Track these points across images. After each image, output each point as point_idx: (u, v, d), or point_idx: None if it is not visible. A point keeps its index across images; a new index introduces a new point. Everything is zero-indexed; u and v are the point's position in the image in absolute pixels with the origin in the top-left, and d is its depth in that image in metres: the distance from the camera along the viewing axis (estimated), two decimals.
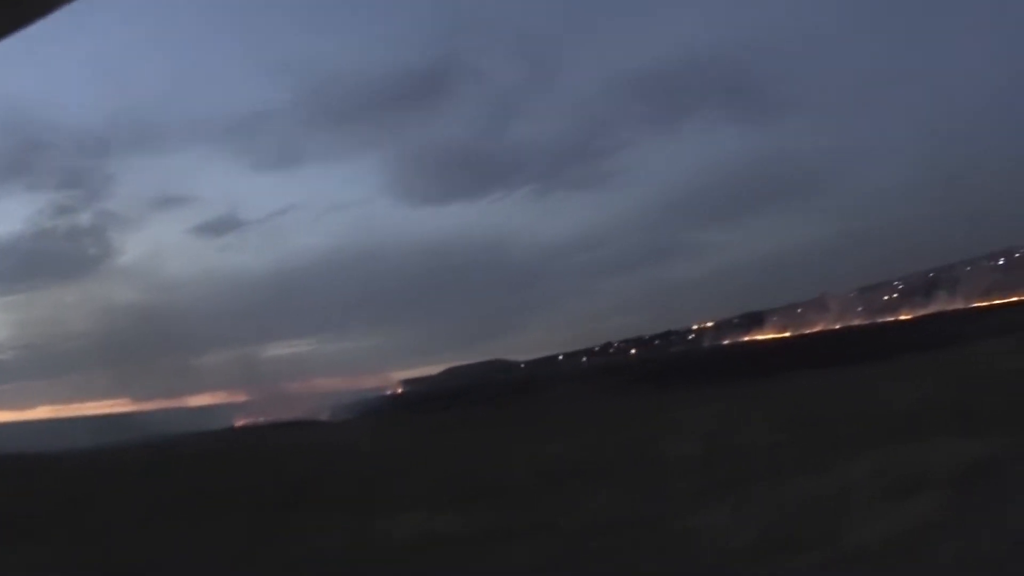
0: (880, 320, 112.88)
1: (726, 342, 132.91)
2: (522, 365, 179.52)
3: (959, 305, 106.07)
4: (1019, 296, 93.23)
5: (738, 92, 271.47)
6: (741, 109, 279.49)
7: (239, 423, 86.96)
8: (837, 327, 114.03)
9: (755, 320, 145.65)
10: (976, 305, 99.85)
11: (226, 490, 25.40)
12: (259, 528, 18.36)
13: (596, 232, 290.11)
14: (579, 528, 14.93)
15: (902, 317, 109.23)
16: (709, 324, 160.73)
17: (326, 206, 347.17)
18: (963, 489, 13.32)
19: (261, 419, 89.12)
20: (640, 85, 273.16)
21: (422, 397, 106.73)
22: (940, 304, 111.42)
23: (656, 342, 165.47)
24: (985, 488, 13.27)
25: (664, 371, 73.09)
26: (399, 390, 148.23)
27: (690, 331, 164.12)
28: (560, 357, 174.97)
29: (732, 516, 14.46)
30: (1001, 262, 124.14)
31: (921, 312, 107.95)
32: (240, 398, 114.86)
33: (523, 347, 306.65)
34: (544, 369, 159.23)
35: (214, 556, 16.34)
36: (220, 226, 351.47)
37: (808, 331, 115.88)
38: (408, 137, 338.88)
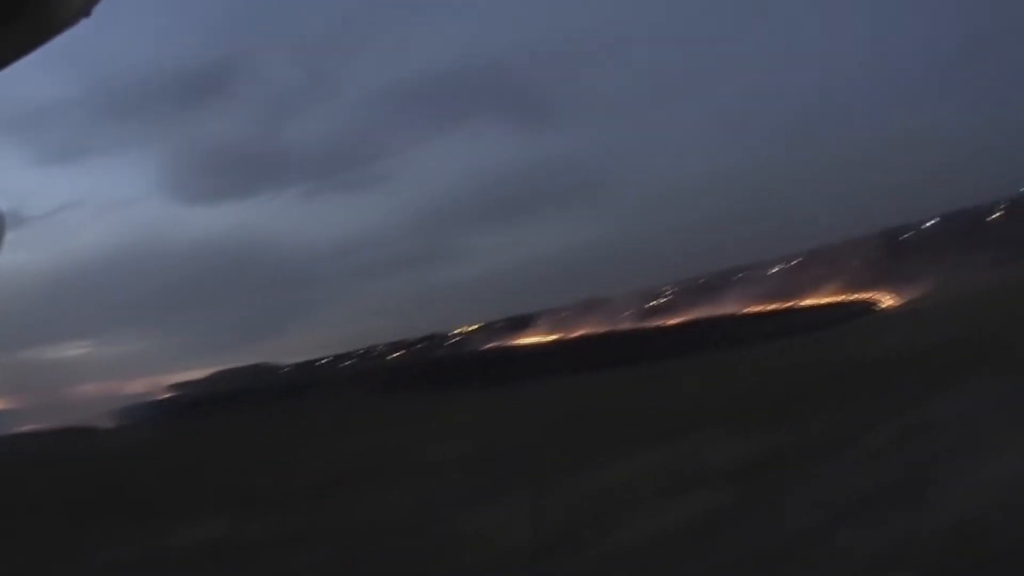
0: (649, 324, 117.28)
1: (490, 346, 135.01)
2: (286, 369, 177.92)
3: (732, 310, 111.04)
4: (792, 302, 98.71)
5: (516, 98, 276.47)
6: (518, 114, 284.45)
7: (17, 430, 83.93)
8: (604, 331, 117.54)
9: (520, 324, 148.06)
10: (749, 311, 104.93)
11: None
12: (51, 540, 18.18)
13: (364, 235, 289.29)
14: (357, 534, 15.57)
15: (672, 322, 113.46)
16: (473, 328, 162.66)
17: (106, 202, 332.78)
18: (740, 485, 14.39)
19: (37, 426, 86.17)
20: (416, 90, 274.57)
21: (193, 402, 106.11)
22: (712, 309, 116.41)
23: (420, 346, 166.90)
24: (762, 484, 14.30)
25: (429, 374, 74.64)
26: (170, 395, 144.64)
27: (453, 335, 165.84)
28: (324, 360, 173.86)
29: (508, 516, 15.10)
30: (776, 270, 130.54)
31: (692, 316, 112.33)
32: (14, 404, 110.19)
33: (288, 350, 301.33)
34: (309, 373, 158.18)
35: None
36: None
37: (574, 335, 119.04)
38: (188, 134, 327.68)
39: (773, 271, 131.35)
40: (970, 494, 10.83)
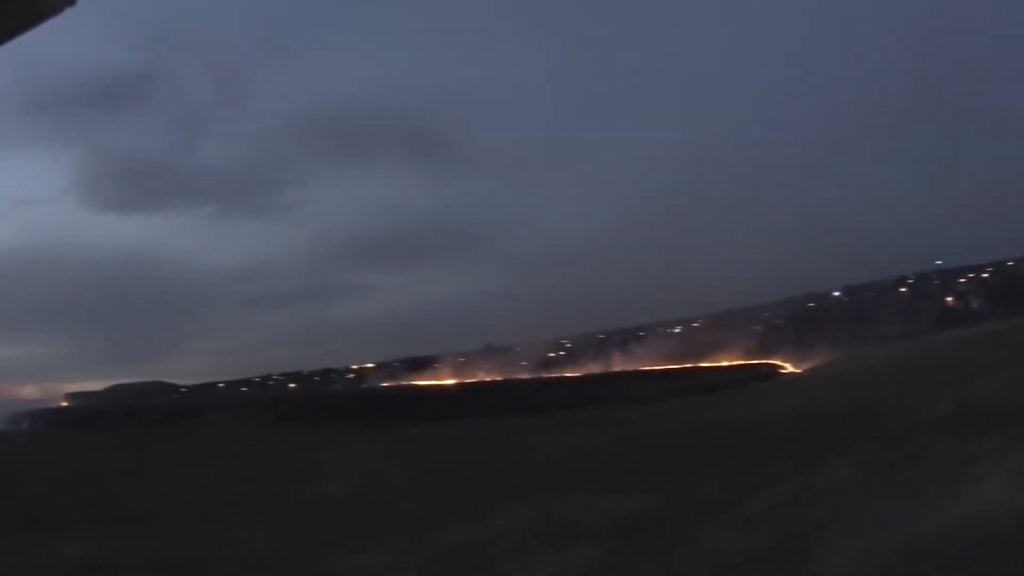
0: (545, 375, 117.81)
1: (384, 385, 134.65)
2: (183, 389, 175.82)
3: (629, 367, 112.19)
4: (690, 363, 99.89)
5: (426, 143, 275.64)
6: (426, 159, 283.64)
7: None
8: (499, 379, 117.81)
9: (417, 365, 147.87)
10: (644, 369, 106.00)
11: None
12: None
13: (266, 262, 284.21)
14: (236, 564, 15.48)
15: (568, 374, 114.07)
16: (370, 365, 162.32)
17: (17, 199, 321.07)
18: (619, 541, 14.52)
19: None
20: (328, 121, 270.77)
21: (88, 413, 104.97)
22: (607, 365, 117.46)
23: (316, 378, 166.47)
24: (640, 542, 14.41)
25: (322, 408, 75.00)
26: (64, 403, 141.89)
27: (349, 370, 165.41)
28: (221, 384, 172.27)
29: (387, 559, 15.15)
30: (678, 330, 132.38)
31: (588, 371, 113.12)
32: None
33: (186, 370, 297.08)
34: (205, 395, 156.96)
35: None
36: None
37: (469, 380, 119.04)
38: (103, 138, 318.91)
39: (675, 331, 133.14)
40: (846, 564, 11.05)
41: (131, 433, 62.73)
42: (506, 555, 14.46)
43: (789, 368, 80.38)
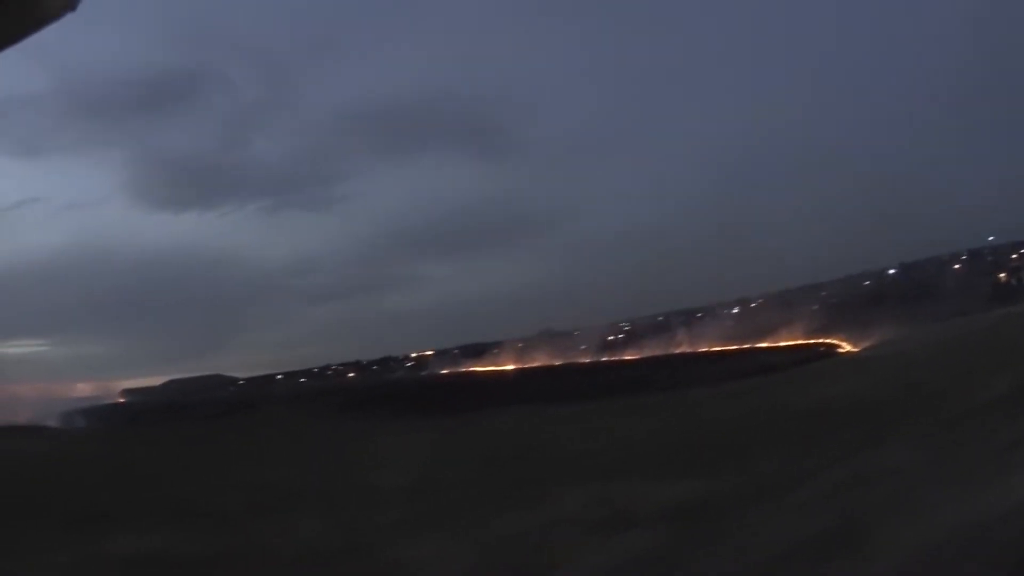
0: (602, 359, 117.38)
1: (445, 371, 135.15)
2: (241, 382, 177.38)
3: (686, 350, 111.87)
4: (747, 344, 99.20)
5: (477, 133, 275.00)
6: (478, 149, 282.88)
7: None
8: (557, 363, 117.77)
9: (475, 352, 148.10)
10: (702, 351, 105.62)
11: None
12: None
13: (321, 255, 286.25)
14: (293, 555, 15.52)
15: (625, 358, 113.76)
16: (428, 353, 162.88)
17: (66, 202, 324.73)
18: (676, 528, 14.44)
19: None
20: (378, 114, 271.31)
21: (144, 409, 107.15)
22: (666, 348, 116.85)
23: (374, 367, 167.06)
24: (697, 528, 14.31)
25: (381, 397, 75.40)
26: (121, 400, 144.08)
27: (408, 358, 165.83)
28: (279, 376, 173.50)
29: (444, 547, 15.11)
30: (736, 311, 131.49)
31: (646, 354, 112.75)
32: None
33: (243, 364, 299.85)
34: (263, 387, 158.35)
35: None
36: None
37: (528, 366, 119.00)
38: (153, 140, 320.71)
39: (733, 311, 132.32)
40: (903, 548, 10.91)
41: (188, 427, 63.37)
42: (561, 543, 14.45)
43: (846, 347, 79.70)
